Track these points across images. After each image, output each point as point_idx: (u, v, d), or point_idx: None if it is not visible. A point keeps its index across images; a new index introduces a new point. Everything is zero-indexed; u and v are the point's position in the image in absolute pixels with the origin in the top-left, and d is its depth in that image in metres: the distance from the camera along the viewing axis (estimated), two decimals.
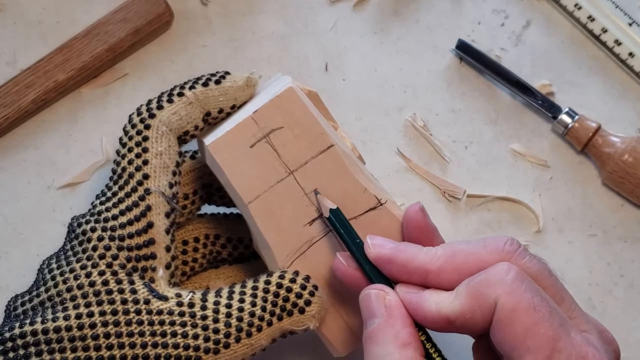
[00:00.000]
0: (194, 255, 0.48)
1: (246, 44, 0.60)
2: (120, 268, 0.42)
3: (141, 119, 0.45)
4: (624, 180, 0.57)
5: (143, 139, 0.45)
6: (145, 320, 0.41)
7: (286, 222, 0.43)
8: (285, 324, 0.42)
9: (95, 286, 0.42)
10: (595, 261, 0.57)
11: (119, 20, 0.58)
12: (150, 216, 0.43)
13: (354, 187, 0.44)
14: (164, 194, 0.44)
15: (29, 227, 0.55)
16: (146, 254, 0.43)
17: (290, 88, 0.44)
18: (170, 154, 0.45)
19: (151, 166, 0.44)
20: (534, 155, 0.59)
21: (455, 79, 0.60)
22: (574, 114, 0.58)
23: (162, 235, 0.44)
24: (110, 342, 0.40)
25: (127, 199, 0.44)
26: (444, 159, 0.58)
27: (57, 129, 0.58)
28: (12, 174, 0.57)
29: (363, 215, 0.44)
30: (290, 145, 0.44)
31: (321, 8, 0.62)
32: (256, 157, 0.43)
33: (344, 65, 0.60)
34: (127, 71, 0.59)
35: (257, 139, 0.44)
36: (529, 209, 0.57)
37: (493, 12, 0.62)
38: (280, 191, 0.43)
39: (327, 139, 0.44)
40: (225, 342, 0.41)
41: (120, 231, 0.43)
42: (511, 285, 0.37)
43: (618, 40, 0.60)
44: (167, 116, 0.45)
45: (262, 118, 0.44)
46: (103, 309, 0.41)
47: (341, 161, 0.44)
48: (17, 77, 0.57)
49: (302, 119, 0.44)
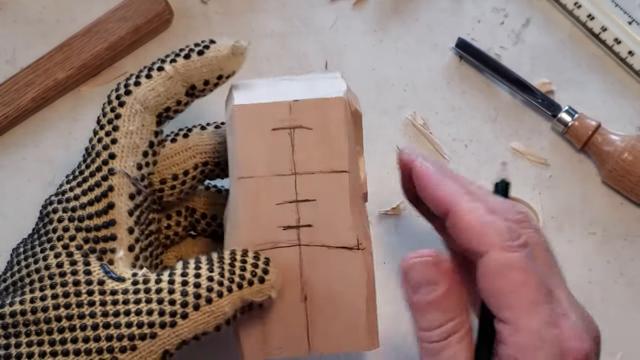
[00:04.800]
0: (175, 229, 0.48)
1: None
2: (77, 249, 0.42)
3: (117, 95, 0.44)
4: (623, 179, 0.57)
5: (115, 116, 0.44)
6: (98, 300, 0.40)
7: (264, 214, 0.42)
8: (245, 293, 0.41)
9: (50, 269, 0.41)
10: (595, 259, 0.57)
11: (119, 19, 0.58)
12: (112, 197, 0.43)
13: (343, 220, 0.43)
14: (129, 175, 0.43)
15: (29, 225, 0.55)
16: (105, 235, 0.42)
17: (340, 99, 0.43)
18: (143, 134, 0.44)
19: (119, 145, 0.43)
20: (534, 154, 0.59)
21: (455, 78, 0.60)
22: (573, 113, 0.58)
23: (125, 217, 0.43)
24: (62, 325, 0.40)
25: (90, 179, 0.43)
26: (443, 157, 0.58)
27: (57, 127, 0.58)
28: (12, 172, 0.57)
29: (336, 248, 0.43)
30: (307, 149, 0.43)
31: (321, 6, 0.62)
32: (271, 141, 0.42)
33: (344, 63, 0.60)
34: (126, 69, 0.59)
35: (283, 125, 0.43)
36: (528, 207, 0.57)
37: (493, 11, 0.62)
38: (275, 184, 0.42)
39: (345, 163, 0.43)
40: (182, 312, 0.39)
41: (80, 212, 0.42)
42: (510, 245, 0.39)
43: (618, 38, 0.60)
44: (143, 93, 0.44)
45: (298, 110, 0.42)
46: (56, 291, 0.40)
47: (345, 190, 0.43)
48: (16, 76, 0.57)
49: (334, 133, 0.43)
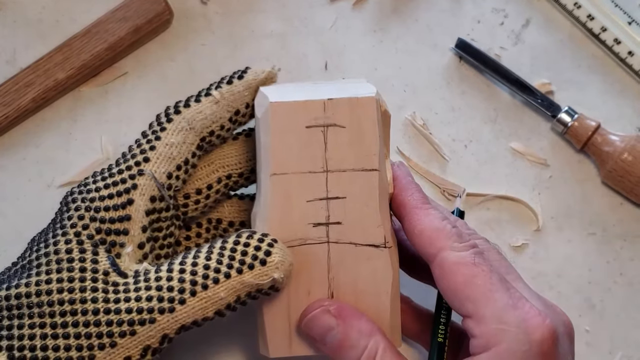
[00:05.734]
0: (196, 241, 0.49)
1: (245, 43, 0.60)
2: (88, 238, 0.43)
3: (166, 113, 0.46)
4: (623, 179, 0.57)
5: (160, 129, 0.45)
6: (100, 288, 0.41)
7: (295, 211, 0.43)
8: (246, 277, 0.41)
9: (59, 254, 0.42)
10: (594, 260, 0.57)
11: (119, 19, 0.58)
12: (133, 194, 0.44)
13: (372, 218, 0.44)
14: (157, 179, 0.44)
15: (29, 226, 0.55)
16: (118, 228, 0.43)
17: (372, 98, 0.44)
18: (182, 149, 0.45)
19: (156, 152, 0.45)
20: (534, 154, 0.59)
21: (454, 78, 0.60)
22: (573, 113, 0.58)
23: (141, 215, 0.44)
24: (64, 309, 0.41)
25: (117, 175, 0.44)
26: (443, 158, 0.58)
27: (57, 127, 0.58)
28: (12, 172, 0.57)
29: (364, 246, 0.44)
30: (340, 147, 0.43)
31: (321, 7, 0.62)
32: (305, 138, 0.43)
33: (344, 64, 0.60)
34: (126, 70, 0.59)
35: (317, 123, 0.43)
36: (528, 207, 0.57)
37: (492, 11, 0.62)
38: (307, 181, 0.43)
39: (376, 161, 0.44)
40: (180, 297, 0.40)
41: (98, 203, 0.43)
42: (459, 245, 0.42)
43: (617, 39, 0.60)
44: (192, 114, 0.46)
45: (332, 108, 0.43)
46: (61, 276, 0.41)
47: (375, 188, 0.44)
48: (17, 76, 0.57)
49: (366, 132, 0.43)
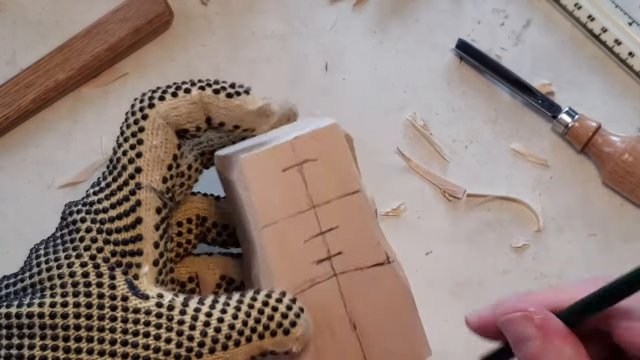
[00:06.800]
0: (187, 237, 0.48)
1: (246, 44, 0.60)
2: (104, 262, 0.42)
3: (140, 107, 0.44)
4: (623, 180, 0.57)
5: (139, 129, 0.44)
6: (119, 317, 0.40)
7: (295, 255, 0.43)
8: (266, 343, 0.41)
9: (75, 277, 0.41)
10: (595, 261, 0.57)
11: (119, 20, 0.58)
12: (140, 212, 0.43)
13: (369, 238, 0.43)
14: (155, 189, 0.43)
15: (29, 227, 0.55)
16: (132, 249, 0.42)
17: (334, 124, 0.44)
18: (167, 148, 0.44)
19: (144, 159, 0.43)
20: (534, 155, 0.59)
21: (455, 79, 0.60)
22: (573, 114, 0.58)
23: (151, 232, 0.43)
24: (79, 335, 0.40)
25: (118, 192, 0.43)
26: (444, 159, 0.58)
27: (57, 128, 0.58)
28: (12, 173, 0.57)
29: (370, 268, 0.43)
30: (319, 180, 0.43)
31: (321, 7, 0.62)
32: (284, 183, 0.43)
33: (344, 64, 0.60)
34: (127, 71, 0.59)
35: (291, 164, 0.43)
36: (529, 208, 0.57)
37: (493, 12, 0.62)
38: (298, 223, 0.43)
39: (356, 183, 0.43)
40: (197, 350, 0.39)
41: (108, 224, 0.42)
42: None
43: (618, 39, 0.60)
44: (166, 109, 0.44)
45: (299, 146, 0.43)
46: (78, 300, 0.40)
47: (362, 209, 0.43)
48: (17, 77, 0.57)
49: (338, 158, 0.43)
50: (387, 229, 0.56)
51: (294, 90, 0.59)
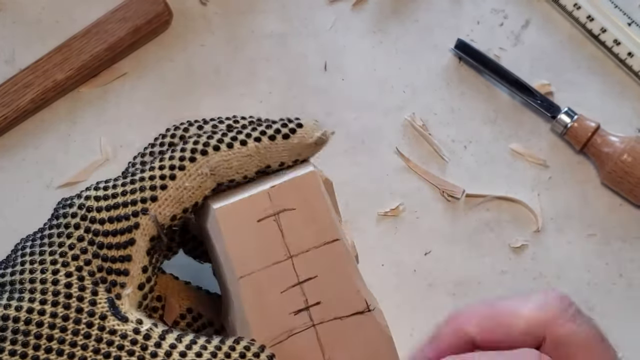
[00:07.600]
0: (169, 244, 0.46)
1: (245, 44, 0.60)
2: (89, 275, 0.40)
3: (192, 149, 0.42)
4: (622, 180, 0.57)
5: (180, 167, 0.42)
6: (94, 335, 0.39)
7: (272, 306, 0.42)
8: None
9: (57, 285, 0.40)
10: (594, 261, 0.57)
11: (118, 20, 0.58)
12: (135, 234, 0.41)
13: (348, 287, 0.42)
14: (158, 222, 0.42)
15: (28, 227, 0.55)
16: (119, 268, 0.41)
17: (312, 172, 0.43)
18: (195, 194, 0.42)
19: (166, 194, 0.41)
20: (533, 155, 0.59)
21: (454, 79, 0.60)
22: (573, 114, 0.58)
23: (141, 256, 0.41)
24: (50, 346, 0.39)
25: (122, 208, 0.41)
26: (442, 159, 0.58)
27: (56, 128, 0.58)
28: (11, 173, 0.57)
29: (349, 317, 0.42)
30: (296, 229, 0.42)
31: (320, 7, 0.62)
32: (260, 233, 0.42)
33: (343, 64, 0.60)
34: (126, 70, 0.59)
35: (267, 214, 0.42)
36: (528, 208, 0.57)
37: (492, 12, 0.62)
38: (275, 273, 0.42)
39: (335, 231, 0.42)
40: None
41: (102, 238, 0.41)
42: None
43: (617, 40, 0.60)
44: (217, 161, 0.42)
45: (277, 195, 0.42)
46: (56, 310, 0.39)
47: (341, 257, 0.42)
48: (16, 77, 0.57)
49: (316, 206, 0.42)
50: (386, 230, 0.57)
51: (292, 90, 0.59)
